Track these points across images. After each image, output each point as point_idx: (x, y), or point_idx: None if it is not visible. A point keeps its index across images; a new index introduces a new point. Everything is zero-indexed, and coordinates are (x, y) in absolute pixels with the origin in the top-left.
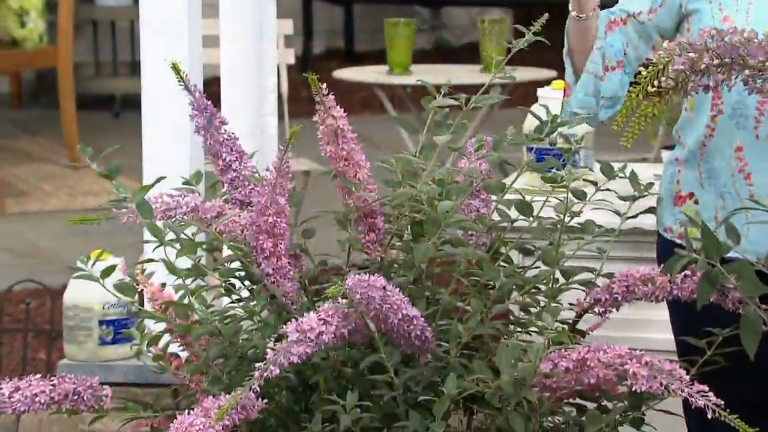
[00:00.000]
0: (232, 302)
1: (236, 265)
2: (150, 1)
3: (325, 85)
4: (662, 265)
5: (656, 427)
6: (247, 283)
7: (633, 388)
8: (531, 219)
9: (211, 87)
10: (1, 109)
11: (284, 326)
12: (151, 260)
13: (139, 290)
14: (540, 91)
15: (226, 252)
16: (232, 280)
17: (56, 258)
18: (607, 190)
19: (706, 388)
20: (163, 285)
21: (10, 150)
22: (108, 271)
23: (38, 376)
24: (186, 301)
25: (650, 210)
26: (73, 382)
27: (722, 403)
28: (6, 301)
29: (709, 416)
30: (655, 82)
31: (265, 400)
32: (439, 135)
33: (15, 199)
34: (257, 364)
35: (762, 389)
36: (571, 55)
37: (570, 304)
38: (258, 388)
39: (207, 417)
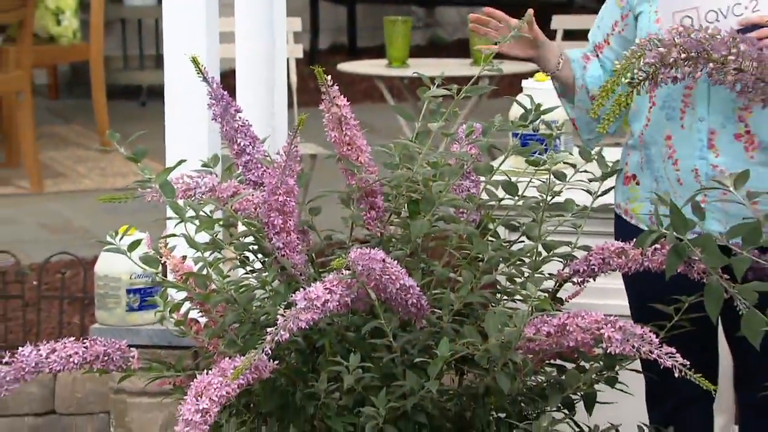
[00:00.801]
0: (246, 273)
1: (250, 239)
2: (172, 1)
3: (330, 77)
4: (631, 239)
5: (627, 384)
6: (259, 255)
7: (608, 350)
8: (516, 198)
9: (227, 79)
10: (40, 98)
11: (293, 295)
12: (173, 235)
13: (162, 262)
14: (525, 83)
15: (241, 228)
16: (246, 253)
17: (88, 233)
18: (585, 171)
19: (674, 350)
20: (184, 257)
21: (48, 136)
22: (134, 245)
23: (72, 339)
24: (204, 272)
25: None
26: (104, 344)
27: (688, 363)
28: (44, 272)
29: (676, 375)
30: (629, 74)
31: (276, 362)
32: (433, 122)
33: (52, 179)
34: (269, 329)
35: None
36: (564, 97)
37: (550, 274)
38: (269, 351)
39: (224, 376)
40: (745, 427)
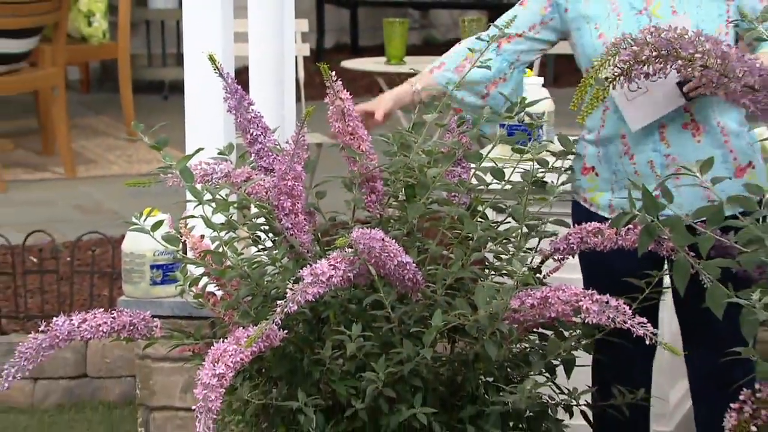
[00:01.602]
0: (258, 251)
1: (261, 220)
2: (192, 4)
3: (334, 74)
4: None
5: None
6: (270, 235)
7: (586, 320)
8: (503, 183)
9: (241, 75)
10: (73, 93)
11: (301, 271)
12: (192, 216)
13: (182, 241)
14: None
15: (253, 210)
16: (258, 233)
17: (116, 214)
18: (567, 159)
19: (645, 320)
20: (202, 237)
21: (80, 126)
22: (157, 225)
23: (101, 310)
24: (220, 249)
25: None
26: (130, 315)
27: (657, 331)
28: (76, 249)
29: (647, 343)
30: (605, 71)
31: (285, 331)
32: (428, 114)
33: (84, 166)
34: (279, 302)
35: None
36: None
37: (527, 249)
38: (279, 321)
39: (238, 344)
40: (696, 392)
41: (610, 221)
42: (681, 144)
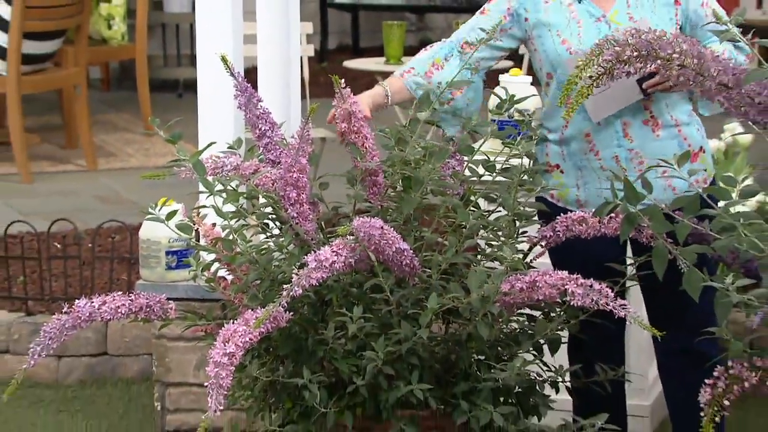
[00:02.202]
0: (266, 238)
1: (269, 210)
2: (204, 9)
3: (342, 80)
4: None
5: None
6: (277, 223)
7: (571, 303)
8: (494, 174)
9: (250, 75)
10: (94, 91)
11: (306, 257)
12: (204, 206)
13: (195, 229)
14: (501, 77)
15: (261, 200)
16: (266, 222)
17: (134, 204)
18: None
19: (626, 302)
20: (214, 225)
21: (101, 122)
22: (172, 214)
23: (120, 293)
24: (231, 237)
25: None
26: (147, 297)
27: (639, 313)
28: (97, 236)
29: (628, 323)
30: (589, 69)
31: (291, 313)
32: (423, 111)
33: (104, 158)
34: (285, 286)
35: None
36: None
37: (523, 233)
38: (285, 304)
39: (247, 325)
40: (666, 369)
41: (594, 210)
42: (643, 139)
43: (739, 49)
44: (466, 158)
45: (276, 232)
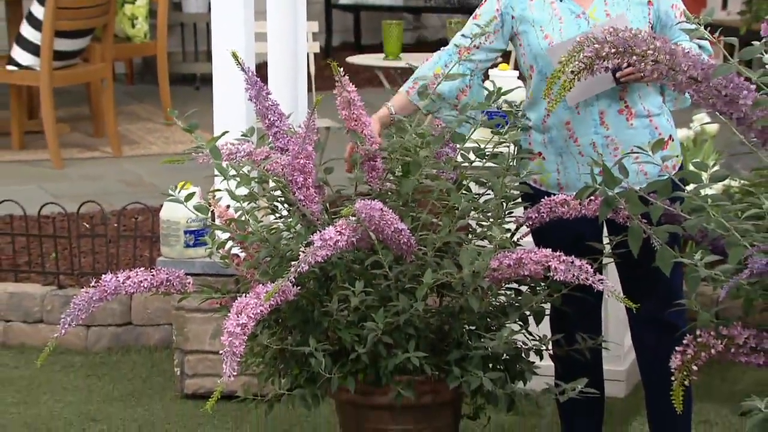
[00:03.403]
0: (275, 219)
1: (278, 193)
2: (219, 9)
3: (342, 70)
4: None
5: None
6: (286, 205)
7: (554, 277)
8: (484, 161)
9: (261, 69)
10: (119, 84)
11: (312, 236)
12: (219, 190)
13: (211, 210)
14: (491, 71)
15: (271, 184)
16: (276, 204)
17: (156, 187)
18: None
19: (604, 277)
20: (228, 206)
21: (126, 113)
22: (190, 197)
23: (143, 268)
24: (243, 218)
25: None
26: (167, 273)
27: (615, 287)
28: (122, 217)
29: (606, 296)
30: (571, 65)
31: (299, 287)
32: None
33: (128, 146)
34: (293, 262)
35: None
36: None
37: (510, 215)
38: (293, 279)
39: (258, 298)
40: (637, 337)
41: (576, 193)
42: (617, 127)
43: (702, 49)
44: (458, 146)
45: (285, 213)
